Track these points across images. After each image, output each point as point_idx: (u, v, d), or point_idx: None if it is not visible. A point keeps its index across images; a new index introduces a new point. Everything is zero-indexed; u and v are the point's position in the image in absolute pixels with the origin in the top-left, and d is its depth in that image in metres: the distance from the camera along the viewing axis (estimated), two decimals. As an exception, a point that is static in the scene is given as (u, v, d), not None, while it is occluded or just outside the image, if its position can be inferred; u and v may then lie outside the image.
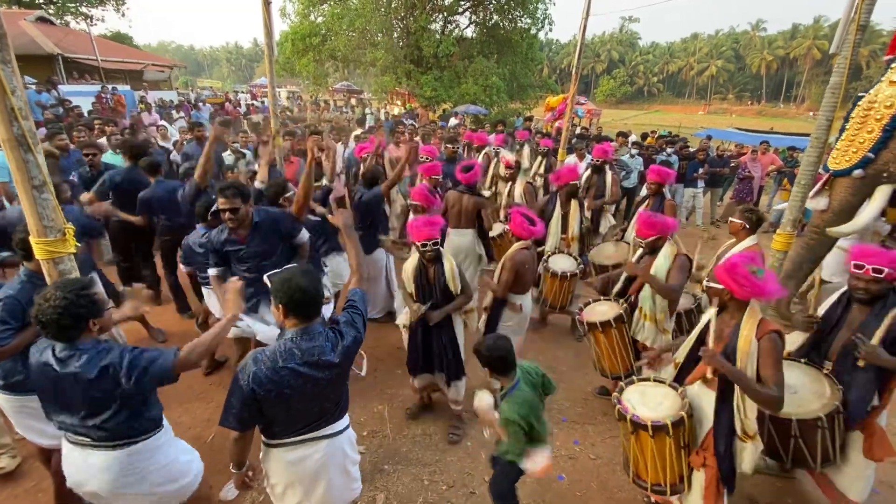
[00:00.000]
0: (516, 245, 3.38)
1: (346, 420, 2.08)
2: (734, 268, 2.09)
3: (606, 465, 3.14)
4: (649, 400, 2.41)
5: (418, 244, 3.02)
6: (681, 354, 2.52)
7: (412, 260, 3.19)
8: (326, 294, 3.73)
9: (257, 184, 3.97)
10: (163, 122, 10.13)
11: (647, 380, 2.56)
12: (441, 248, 3.12)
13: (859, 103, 3.03)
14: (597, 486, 2.98)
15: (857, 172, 3.02)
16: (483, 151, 7.00)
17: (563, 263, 4.24)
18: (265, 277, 1.92)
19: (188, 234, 3.78)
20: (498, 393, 2.23)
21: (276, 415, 1.86)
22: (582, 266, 4.31)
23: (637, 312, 3.33)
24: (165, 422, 2.05)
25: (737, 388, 2.14)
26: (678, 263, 3.15)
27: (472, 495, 2.88)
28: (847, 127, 3.10)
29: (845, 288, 2.48)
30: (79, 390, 1.75)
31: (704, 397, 2.33)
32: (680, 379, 2.51)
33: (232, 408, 1.80)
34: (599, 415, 3.64)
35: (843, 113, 3.05)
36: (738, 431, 2.19)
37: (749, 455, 2.18)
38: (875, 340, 2.24)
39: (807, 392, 2.42)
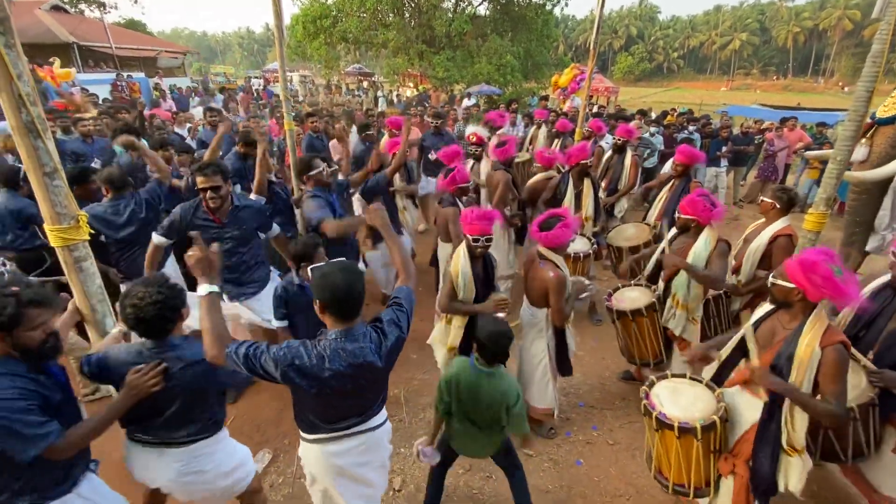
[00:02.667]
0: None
1: (384, 413, 2.04)
2: (813, 266, 1.84)
3: (625, 451, 3.10)
4: (681, 398, 2.28)
5: (470, 238, 2.76)
6: (725, 352, 2.33)
7: (461, 261, 2.82)
8: None
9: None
10: (186, 110, 10.19)
11: (682, 376, 2.43)
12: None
13: None
14: (615, 471, 2.95)
15: None
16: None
17: (576, 244, 4.13)
18: (308, 269, 1.89)
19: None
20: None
21: (314, 407, 1.83)
22: (595, 246, 4.20)
23: (669, 300, 3.15)
24: None
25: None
26: (719, 250, 2.95)
27: (489, 479, 2.88)
28: None
29: (888, 276, 2.32)
30: (177, 385, 1.78)
31: (742, 400, 2.19)
32: (721, 377, 2.34)
33: (255, 358, 1.62)
34: (618, 399, 3.59)
35: (883, 87, 2.90)
36: (784, 444, 2.00)
37: (796, 471, 1.99)
38: None
39: None
